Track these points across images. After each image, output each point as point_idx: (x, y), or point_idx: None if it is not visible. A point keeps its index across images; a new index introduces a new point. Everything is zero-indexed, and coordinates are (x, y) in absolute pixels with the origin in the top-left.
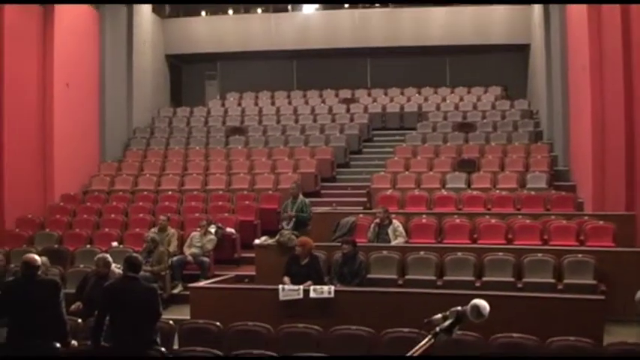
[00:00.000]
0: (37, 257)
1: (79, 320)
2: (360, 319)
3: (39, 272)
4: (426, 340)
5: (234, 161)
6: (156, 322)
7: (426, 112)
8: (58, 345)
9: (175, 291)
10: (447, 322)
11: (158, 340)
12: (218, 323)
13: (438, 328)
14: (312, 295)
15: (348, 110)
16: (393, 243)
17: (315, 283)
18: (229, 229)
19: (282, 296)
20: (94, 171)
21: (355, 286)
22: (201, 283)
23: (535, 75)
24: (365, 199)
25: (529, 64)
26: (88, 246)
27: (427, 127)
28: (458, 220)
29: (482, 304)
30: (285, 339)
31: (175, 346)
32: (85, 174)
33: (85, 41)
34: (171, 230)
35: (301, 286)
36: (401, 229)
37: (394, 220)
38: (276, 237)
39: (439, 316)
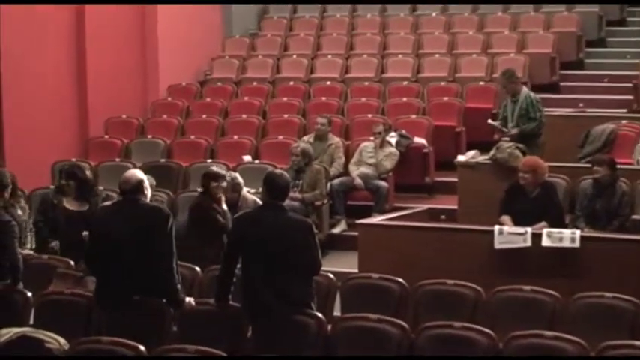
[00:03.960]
0: (140, 175)
1: (197, 269)
2: (618, 282)
3: (144, 198)
4: None
5: (424, 35)
6: (311, 275)
7: None
8: (165, 302)
9: (337, 230)
10: None
11: (314, 302)
12: (400, 280)
13: None
14: (545, 242)
15: None
16: None
17: (550, 226)
18: (418, 140)
19: (498, 243)
20: (215, 51)
21: (614, 231)
22: (376, 220)
23: None
24: (631, 97)
25: None
26: (209, 161)
27: None
28: None
29: None
30: (502, 307)
31: (337, 312)
32: (202, 55)
33: None
34: (334, 139)
35: (529, 229)
36: None
37: None
38: (491, 152)
39: None
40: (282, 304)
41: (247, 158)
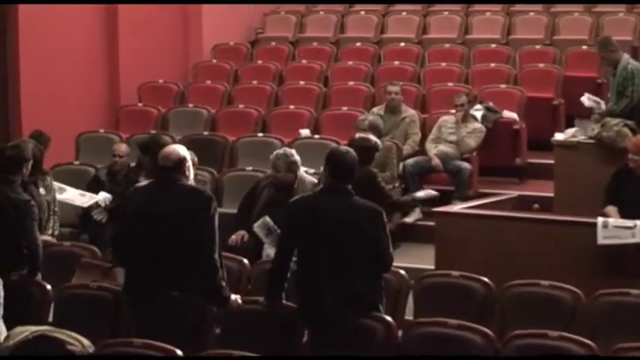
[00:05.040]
0: (183, 152)
1: (245, 261)
2: None
3: (184, 179)
4: None
5: None
6: (381, 272)
7: None
8: (204, 299)
9: (410, 219)
10: None
11: (382, 304)
12: (485, 279)
13: None
14: None
15: None
16: None
17: None
18: (507, 113)
19: (602, 238)
20: (268, 6)
21: None
22: (456, 207)
23: None
24: None
25: None
26: (260, 134)
27: None
28: None
29: None
30: (605, 314)
31: (409, 316)
32: (253, 10)
33: None
34: (409, 111)
35: (639, 222)
36: None
37: None
38: (595, 130)
39: None
40: (345, 305)
41: (305, 132)
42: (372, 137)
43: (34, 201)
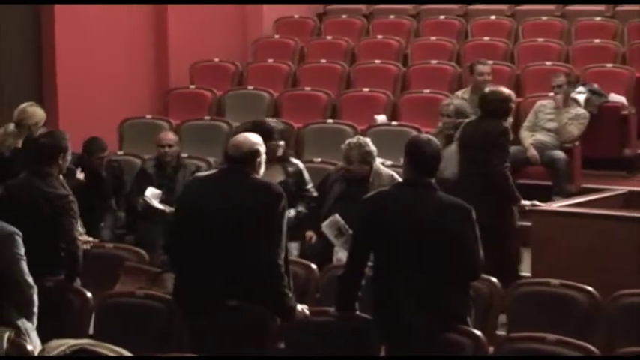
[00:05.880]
0: (256, 141)
1: (312, 266)
2: None
3: (254, 173)
4: None
5: None
6: (469, 280)
7: None
8: (267, 309)
9: None
10: None
11: (470, 316)
12: (589, 289)
13: None
14: None
15: None
16: None
17: None
18: (614, 97)
19: None
20: None
21: None
22: (556, 205)
23: None
24: None
25: None
26: (329, 121)
27: None
28: None
29: None
30: None
31: (501, 331)
32: None
33: None
34: None
35: None
36: None
37: None
38: None
39: None
40: (428, 316)
41: (382, 118)
42: (505, 89)
43: (73, 197)
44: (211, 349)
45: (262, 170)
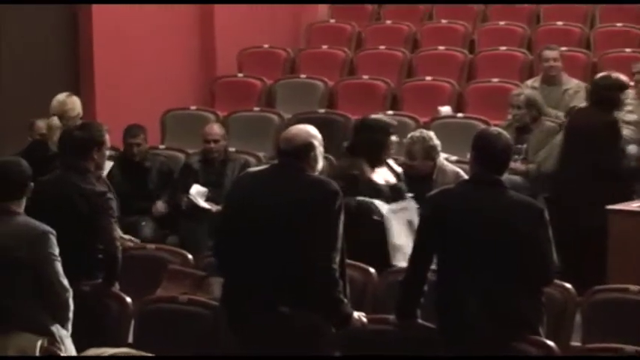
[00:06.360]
0: (313, 134)
1: (370, 270)
2: None
3: (309, 169)
4: None
5: None
6: (541, 285)
7: None
8: (320, 317)
9: None
10: None
11: (542, 325)
12: None
13: None
14: None
15: None
16: None
17: None
18: None
19: None
20: None
21: None
22: (635, 205)
23: None
24: None
25: None
26: (389, 112)
27: None
28: None
29: None
30: None
31: (575, 342)
32: None
33: None
34: (571, 82)
35: None
36: None
37: None
38: None
39: None
40: (496, 325)
41: (446, 110)
42: (619, 75)
43: (112, 194)
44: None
45: (320, 165)
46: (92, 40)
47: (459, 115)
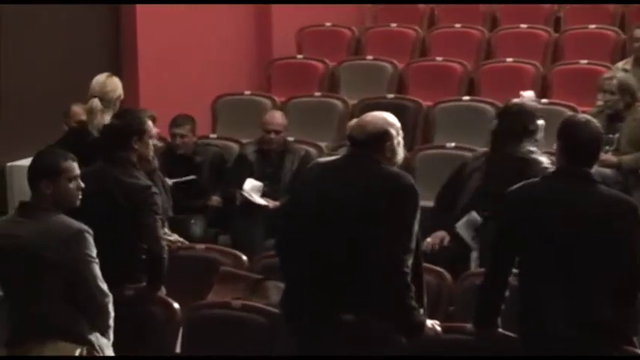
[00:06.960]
0: (390, 121)
1: (445, 274)
2: None
3: (385, 161)
4: None
5: None
6: (636, 292)
7: None
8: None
9: None
10: None
11: (637, 335)
12: None
13: None
14: None
15: None
16: None
17: None
18: None
19: None
20: None
21: None
22: None
23: None
24: None
25: None
26: (465, 98)
27: None
28: None
29: None
30: None
31: None
32: None
33: None
34: None
35: None
36: None
37: None
38: None
39: None
40: (585, 335)
41: (529, 94)
42: None
43: (158, 188)
44: None
45: (399, 157)
46: (135, 20)
47: (543, 100)
